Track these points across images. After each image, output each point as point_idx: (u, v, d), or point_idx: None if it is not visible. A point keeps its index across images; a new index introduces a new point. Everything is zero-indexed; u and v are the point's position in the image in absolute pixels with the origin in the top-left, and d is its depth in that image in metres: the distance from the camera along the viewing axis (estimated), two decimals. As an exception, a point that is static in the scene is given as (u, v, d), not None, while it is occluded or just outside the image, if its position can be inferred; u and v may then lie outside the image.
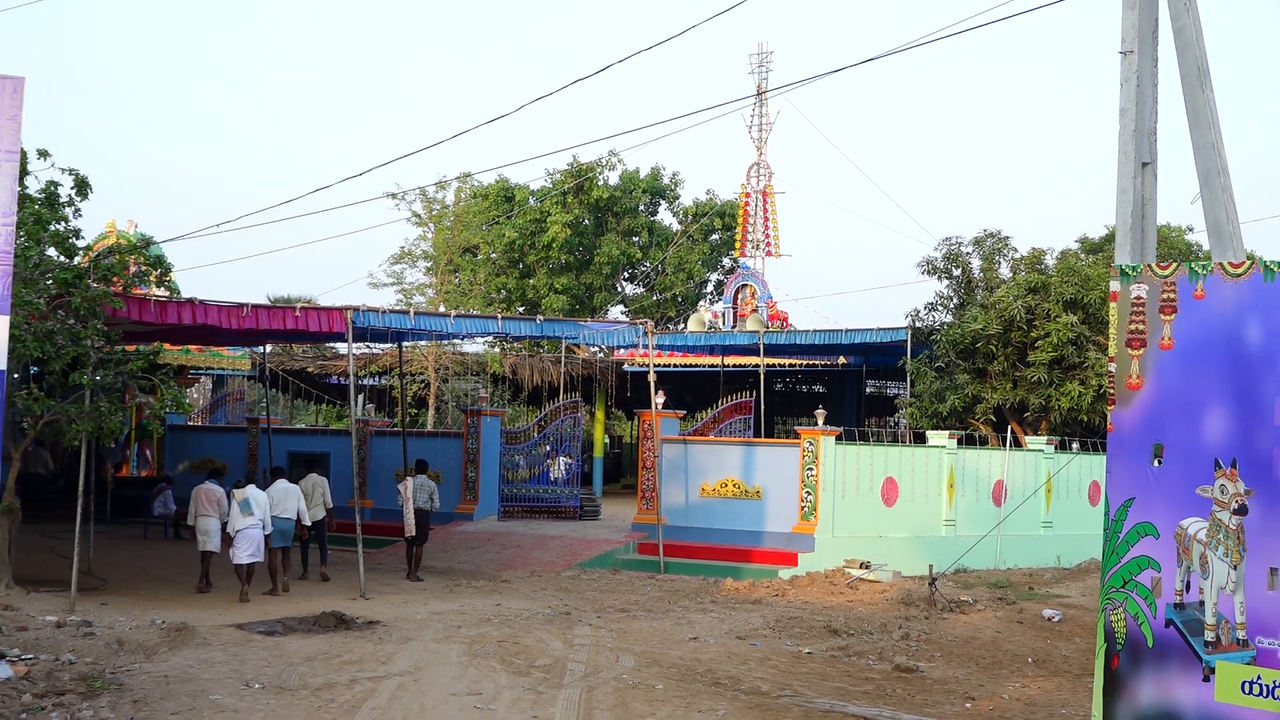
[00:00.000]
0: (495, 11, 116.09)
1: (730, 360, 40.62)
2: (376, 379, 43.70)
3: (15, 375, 17.46)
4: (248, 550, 19.45)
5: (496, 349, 41.67)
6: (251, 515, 19.51)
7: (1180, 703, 8.16)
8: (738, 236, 48.00)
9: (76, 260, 18.90)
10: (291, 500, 20.97)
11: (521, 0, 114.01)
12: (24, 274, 16.35)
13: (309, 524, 21.55)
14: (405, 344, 32.56)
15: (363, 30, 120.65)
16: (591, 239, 50.74)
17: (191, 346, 32.77)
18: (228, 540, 19.71)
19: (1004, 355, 30.68)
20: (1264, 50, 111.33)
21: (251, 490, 19.97)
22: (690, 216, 53.12)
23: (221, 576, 20.37)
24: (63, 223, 18.77)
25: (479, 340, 39.85)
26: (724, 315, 44.39)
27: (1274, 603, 7.80)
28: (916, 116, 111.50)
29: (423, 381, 40.77)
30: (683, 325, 46.71)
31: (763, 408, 34.25)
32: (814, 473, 23.10)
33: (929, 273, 34.60)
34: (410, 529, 23.03)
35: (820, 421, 24.47)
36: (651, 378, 27.64)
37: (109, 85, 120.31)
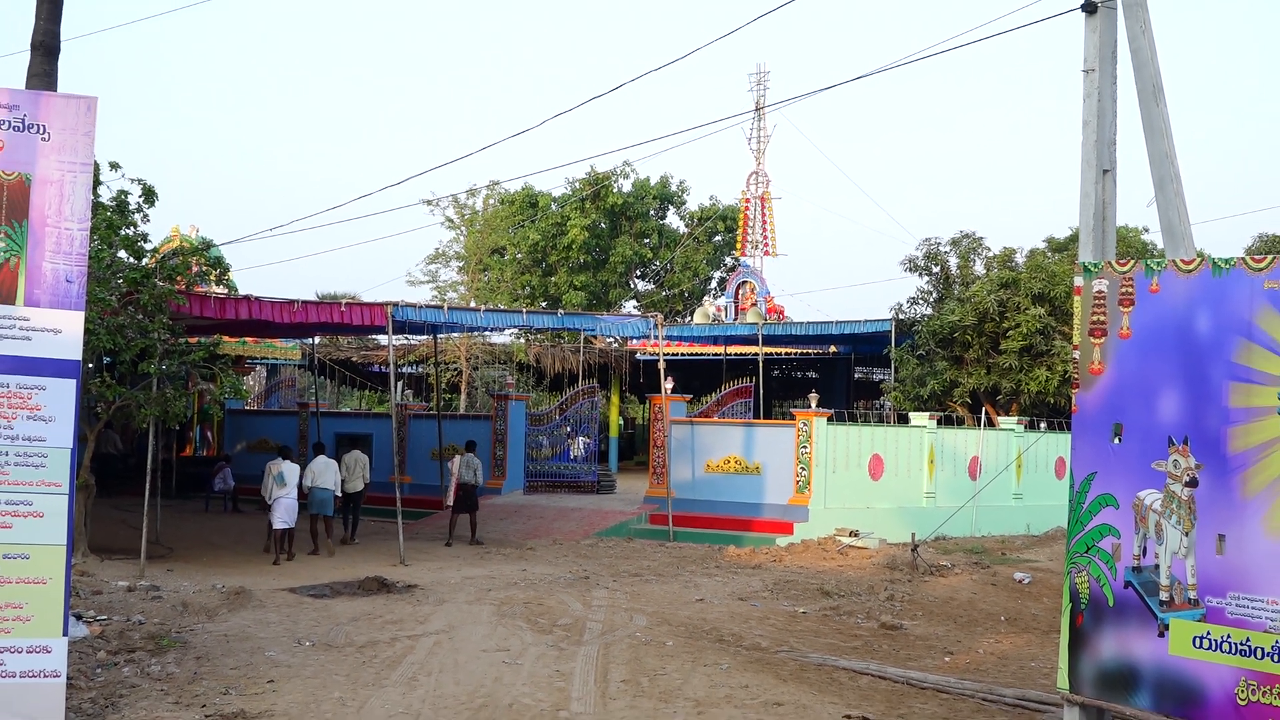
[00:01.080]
0: (522, 32, 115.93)
1: (732, 349, 40.67)
2: (414, 367, 43.81)
3: (90, 365, 17.53)
4: (283, 517, 20.07)
5: (522, 340, 41.68)
6: (285, 486, 20.19)
7: (1138, 656, 8.17)
8: (738, 238, 47.95)
9: (144, 261, 18.95)
10: (330, 473, 21.46)
11: (546, 22, 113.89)
12: (97, 274, 16.39)
13: (339, 494, 21.88)
14: (439, 335, 32.61)
15: (402, 50, 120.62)
16: (607, 241, 50.78)
17: (248, 339, 32.89)
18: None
19: (978, 344, 30.67)
20: (1215, 68, 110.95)
21: (286, 465, 20.56)
22: (696, 220, 53.13)
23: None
24: (132, 228, 18.81)
25: (506, 332, 40.00)
26: (726, 309, 44.36)
27: (1221, 566, 7.81)
28: (900, 127, 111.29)
29: (455, 369, 40.83)
30: (689, 318, 46.67)
31: (761, 392, 34.32)
32: (808, 450, 23.14)
33: (911, 270, 34.61)
34: (449, 500, 23.50)
35: (813, 404, 24.56)
36: (661, 365, 27.71)
37: (173, 102, 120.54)
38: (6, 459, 9.11)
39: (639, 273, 53.30)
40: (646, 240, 51.92)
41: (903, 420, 28.45)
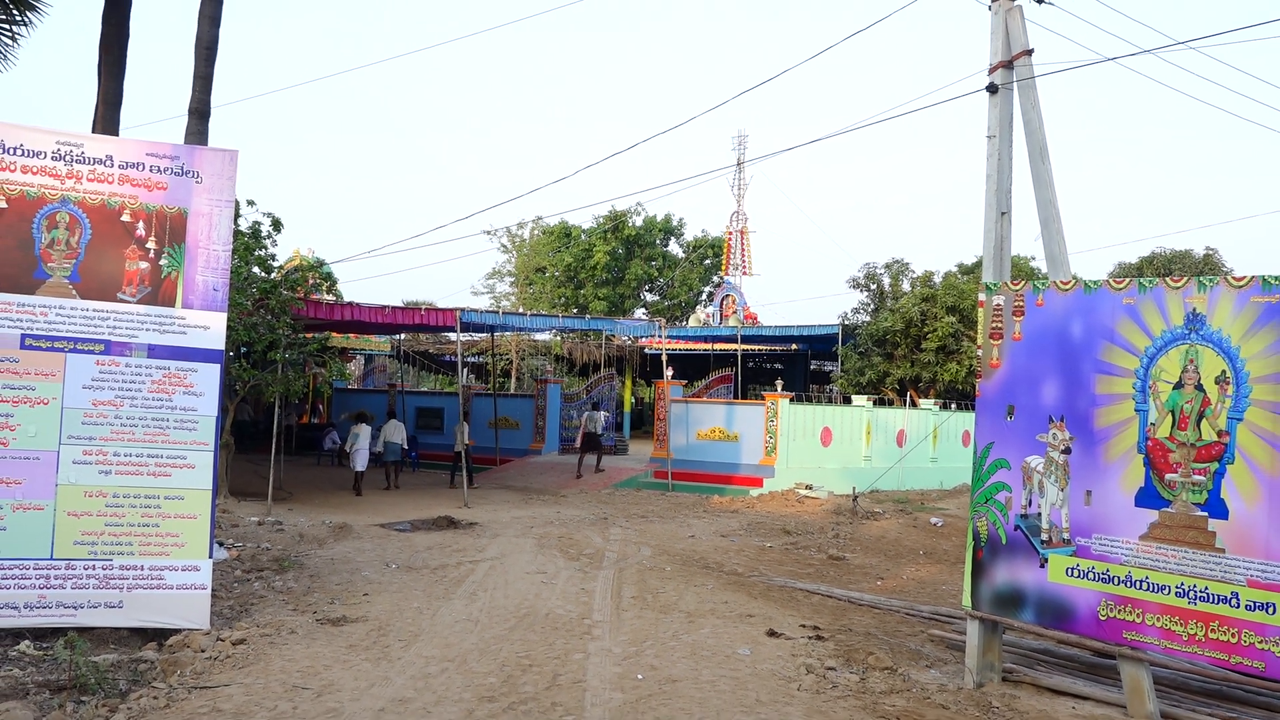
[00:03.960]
0: (562, 97, 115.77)
1: (717, 346, 40.51)
2: (476, 357, 43.73)
3: (230, 353, 17.57)
4: (359, 461, 21.74)
5: (558, 337, 41.65)
6: (359, 443, 21.83)
7: (1024, 582, 8.17)
8: (723, 261, 48.04)
9: (272, 275, 19.01)
10: (398, 433, 23.25)
11: (581, 90, 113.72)
12: (236, 284, 16.43)
13: (404, 446, 23.99)
14: (496, 333, 32.64)
15: (469, 114, 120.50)
16: (623, 263, 50.72)
17: (350, 335, 32.94)
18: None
19: (905, 344, 30.62)
20: (1086, 131, 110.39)
21: (362, 426, 22.21)
22: (691, 248, 53.07)
23: (367, 489, 20.93)
24: (263, 249, 18.86)
25: (546, 332, 39.87)
26: (713, 316, 44.41)
27: (1088, 514, 7.80)
28: (848, 176, 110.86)
29: (507, 359, 40.88)
30: (685, 322, 46.71)
31: (739, 379, 34.32)
32: (774, 423, 23.12)
33: (854, 287, 34.64)
34: (579, 443, 25.91)
35: (779, 389, 24.62)
36: (664, 358, 27.73)
37: (300, 150, 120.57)
38: (167, 423, 9.14)
39: (647, 287, 53.23)
40: (653, 263, 51.87)
41: (847, 401, 28.42)
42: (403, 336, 35.64)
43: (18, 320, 8.78)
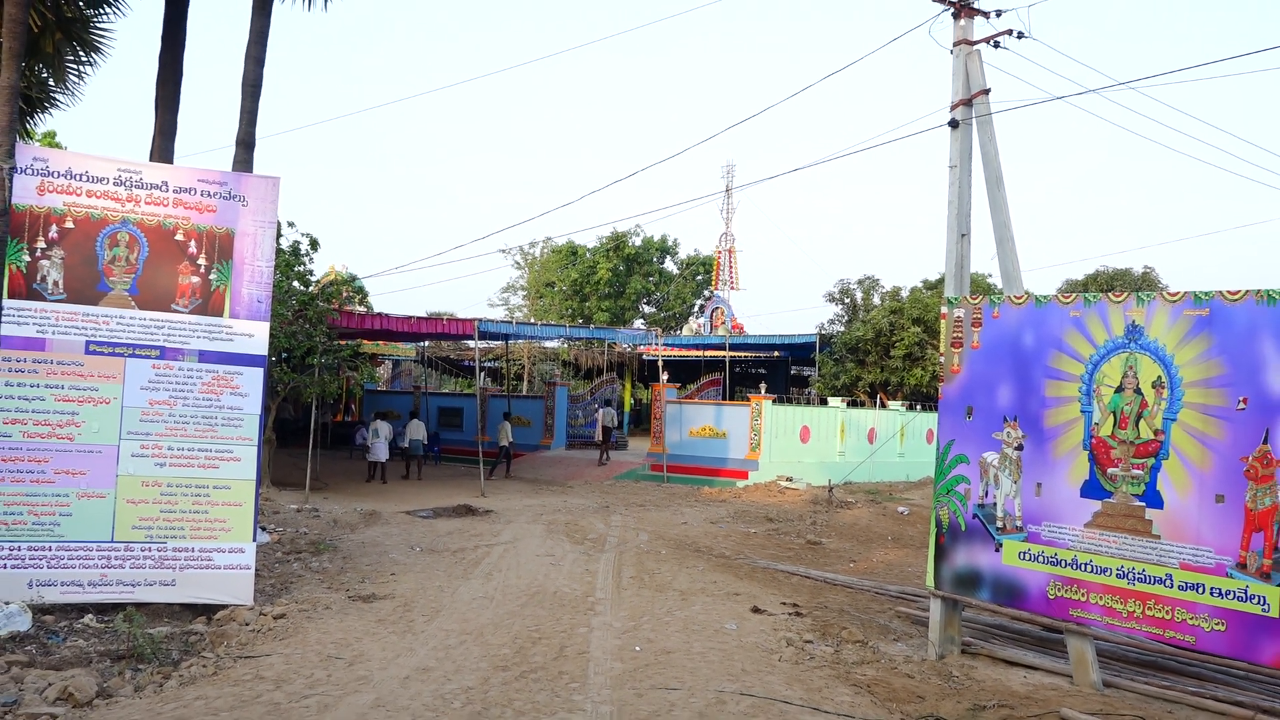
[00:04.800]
0: (567, 125, 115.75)
1: (708, 353, 40.50)
2: (492, 362, 43.73)
3: (272, 358, 17.63)
4: (379, 453, 21.88)
5: (565, 345, 41.65)
6: (379, 437, 21.95)
7: (981, 565, 8.21)
8: (713, 277, 48.08)
9: (310, 289, 19.06)
10: (420, 430, 23.79)
11: (584, 115, 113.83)
12: (278, 297, 16.49)
13: (424, 443, 24.18)
14: (509, 341, 32.68)
15: (481, 138, 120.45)
16: (624, 279, 50.67)
17: (379, 342, 32.97)
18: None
19: (875, 351, 30.66)
20: (1038, 160, 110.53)
21: (381, 423, 22.37)
22: (684, 265, 53.06)
23: (391, 479, 20.84)
24: (302, 266, 18.92)
25: (554, 340, 39.88)
26: (704, 326, 44.38)
27: (1038, 504, 7.84)
28: (825, 201, 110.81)
29: (520, 364, 40.85)
30: (679, 331, 46.66)
31: (727, 382, 34.33)
32: (759, 422, 23.13)
33: (830, 300, 34.67)
34: (598, 436, 26.53)
35: (763, 391, 24.62)
36: (660, 363, 27.73)
37: (335, 177, 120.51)
38: (215, 421, 9.18)
39: (645, 300, 53.15)
40: (651, 279, 51.82)
41: (823, 403, 28.41)
42: (426, 344, 35.67)
43: (83, 328, 8.84)
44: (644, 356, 40.82)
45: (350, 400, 36.47)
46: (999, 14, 9.35)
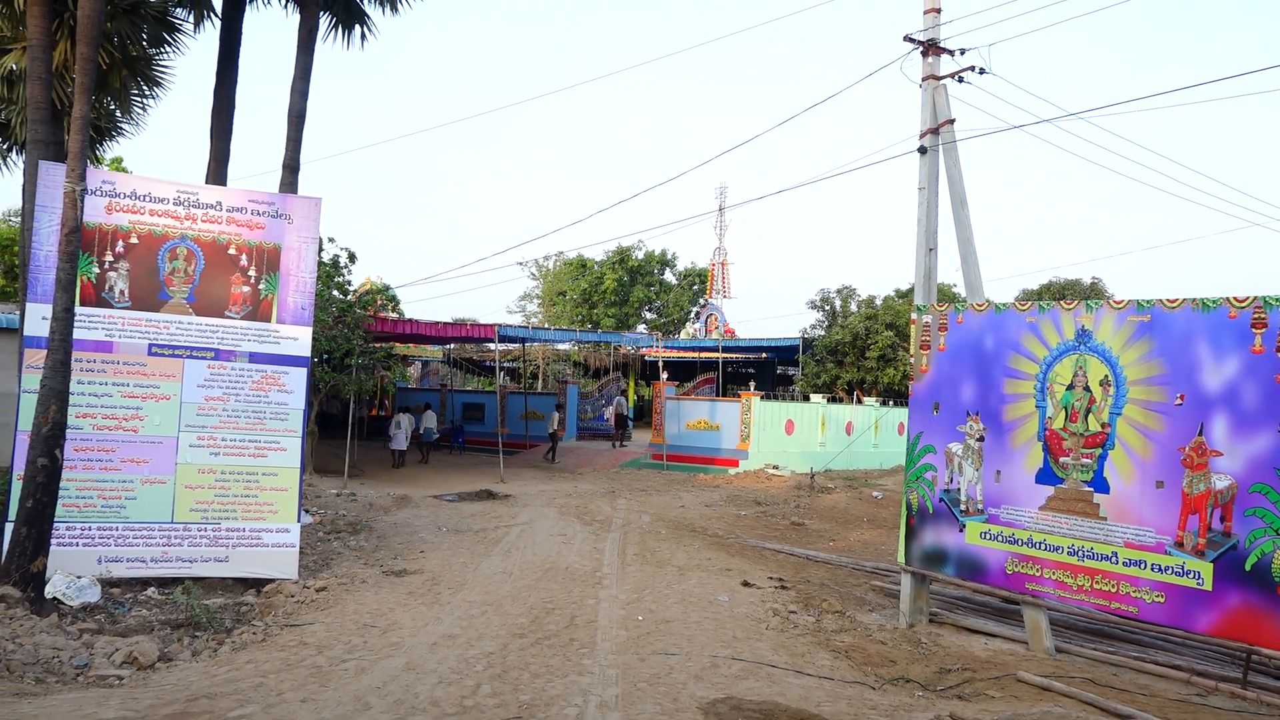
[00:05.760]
0: (576, 147, 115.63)
1: (703, 355, 40.40)
2: (511, 363, 43.74)
3: (315, 359, 17.66)
4: (399, 442, 22.43)
5: (576, 347, 41.66)
6: (400, 429, 22.57)
7: (946, 543, 8.20)
8: (708, 287, 48.00)
9: (348, 297, 19.08)
10: (431, 419, 24.82)
11: (591, 140, 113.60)
12: (320, 304, 16.51)
13: (437, 431, 25.24)
14: (526, 344, 32.68)
15: (501, 161, 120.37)
16: (628, 288, 50.66)
17: (410, 344, 32.98)
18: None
19: (852, 353, 30.61)
20: (998, 180, 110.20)
21: (402, 415, 23.06)
22: (682, 276, 53.05)
23: (415, 465, 20.88)
24: (341, 277, 18.94)
25: (566, 343, 39.90)
26: (699, 330, 44.33)
27: (998, 489, 7.83)
28: (808, 216, 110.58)
29: (535, 365, 40.84)
30: (678, 335, 46.62)
31: (720, 381, 34.26)
32: (748, 416, 23.10)
33: (812, 307, 34.68)
34: (612, 423, 27.20)
35: (752, 389, 24.57)
36: (660, 364, 27.69)
37: (374, 197, 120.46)
38: (264, 415, 9.19)
39: (647, 308, 53.14)
40: (652, 288, 51.78)
41: (806, 399, 28.38)
42: (452, 346, 35.66)
43: (146, 332, 8.85)
44: (646, 358, 40.81)
45: (384, 397, 36.51)
46: (963, 52, 9.33)
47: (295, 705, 5.47)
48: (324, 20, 13.73)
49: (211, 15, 13.19)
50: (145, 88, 12.57)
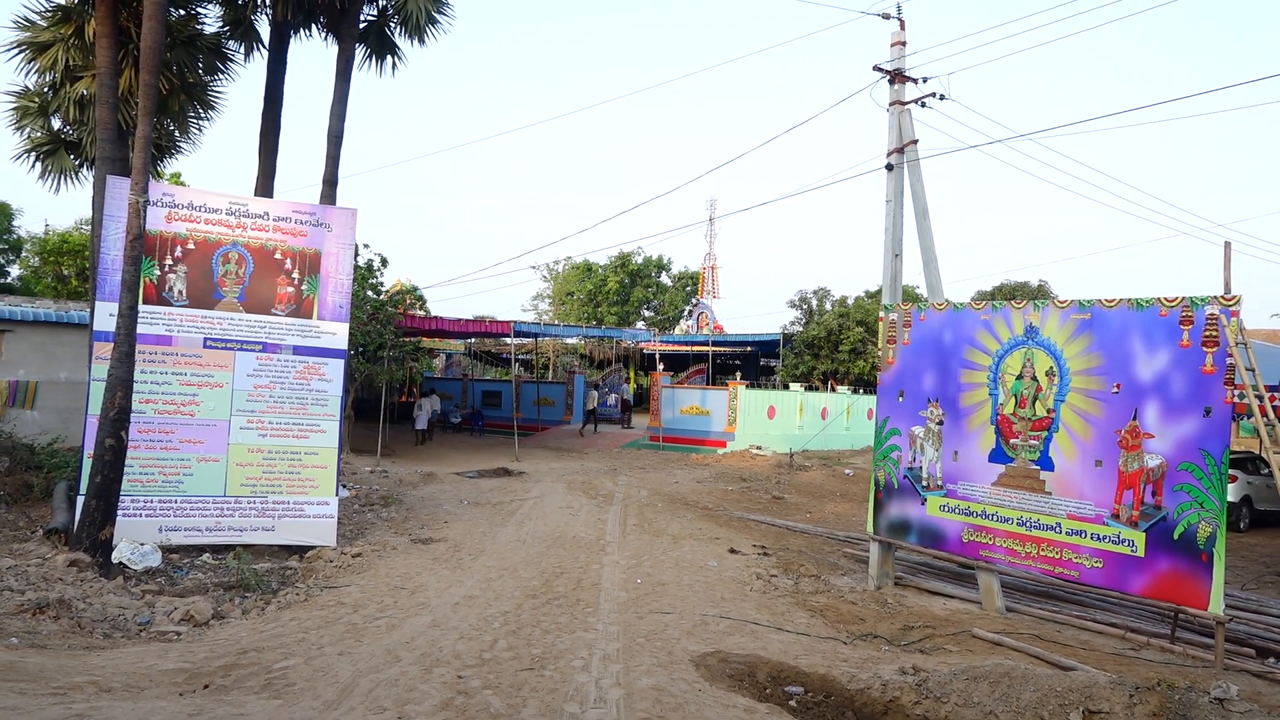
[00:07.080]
0: (584, 160, 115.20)
1: (695, 348, 40.36)
2: (524, 355, 43.70)
3: (351, 351, 17.61)
4: (421, 422, 22.84)
5: (582, 341, 41.59)
6: (421, 411, 22.96)
7: (910, 515, 8.18)
8: (699, 288, 47.97)
9: (380, 297, 19.01)
10: (437, 402, 24.78)
11: (596, 154, 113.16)
12: (355, 304, 16.45)
13: (454, 420, 26.14)
14: (538, 339, 32.60)
15: (518, 173, 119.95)
16: (628, 289, 50.62)
17: (435, 339, 32.88)
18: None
19: (827, 347, 30.53)
20: (957, 193, 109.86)
21: (425, 399, 23.49)
22: (676, 279, 52.98)
23: (440, 445, 20.83)
24: (374, 279, 18.86)
25: (573, 337, 39.80)
26: (692, 326, 44.21)
27: (956, 468, 7.81)
28: (787, 225, 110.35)
29: (546, 357, 40.78)
30: (672, 331, 46.52)
31: (710, 371, 34.22)
32: (735, 402, 23.07)
33: (791, 306, 34.48)
34: (619, 408, 27.42)
35: (738, 378, 24.58)
36: (657, 356, 27.66)
37: (407, 210, 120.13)
38: (306, 401, 9.15)
39: (646, 307, 53.11)
40: (650, 289, 51.72)
41: (785, 387, 28.35)
42: (472, 340, 35.52)
43: (201, 328, 8.82)
44: (644, 351, 40.75)
45: (413, 385, 36.45)
46: (925, 80, 9.27)
47: (333, 658, 5.45)
48: (359, 51, 13.63)
49: (260, 46, 13.09)
50: (200, 110, 12.49)
